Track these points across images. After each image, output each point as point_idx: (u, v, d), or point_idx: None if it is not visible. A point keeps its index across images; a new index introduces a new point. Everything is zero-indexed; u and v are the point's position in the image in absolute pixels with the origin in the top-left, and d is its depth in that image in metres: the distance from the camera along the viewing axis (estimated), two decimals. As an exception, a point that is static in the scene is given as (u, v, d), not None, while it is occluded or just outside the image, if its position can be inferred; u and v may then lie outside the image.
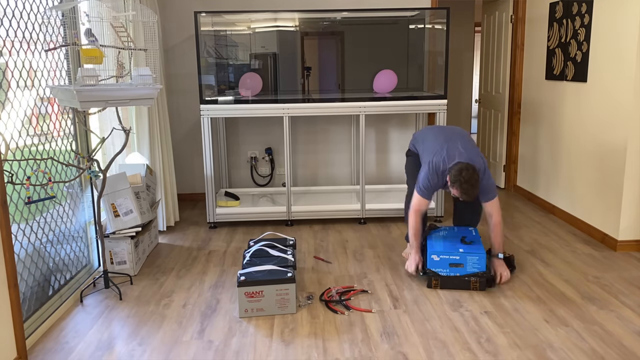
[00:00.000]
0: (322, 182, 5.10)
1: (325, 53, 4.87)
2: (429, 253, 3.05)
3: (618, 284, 3.11)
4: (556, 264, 3.43)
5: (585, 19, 3.93)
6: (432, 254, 3.04)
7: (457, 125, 7.36)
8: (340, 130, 5.01)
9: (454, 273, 3.03)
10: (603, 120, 3.76)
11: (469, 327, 2.63)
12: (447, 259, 3.03)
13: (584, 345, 2.45)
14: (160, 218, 4.18)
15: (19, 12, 2.63)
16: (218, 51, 4.71)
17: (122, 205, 3.26)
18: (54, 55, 2.97)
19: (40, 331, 2.62)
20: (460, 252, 3.01)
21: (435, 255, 3.04)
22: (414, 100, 4.19)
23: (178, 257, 3.67)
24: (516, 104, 5.17)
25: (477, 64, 9.86)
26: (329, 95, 4.45)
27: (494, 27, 5.60)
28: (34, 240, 2.71)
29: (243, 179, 5.07)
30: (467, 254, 3.00)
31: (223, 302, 2.96)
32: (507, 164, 5.41)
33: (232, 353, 2.43)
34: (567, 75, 4.22)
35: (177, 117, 4.97)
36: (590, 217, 3.95)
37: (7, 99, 2.53)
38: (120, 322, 2.74)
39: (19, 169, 2.59)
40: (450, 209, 4.75)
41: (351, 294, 3.02)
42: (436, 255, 3.04)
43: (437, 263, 3.05)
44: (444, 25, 4.31)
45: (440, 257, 3.03)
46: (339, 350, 2.44)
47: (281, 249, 3.18)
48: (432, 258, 3.05)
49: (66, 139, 3.09)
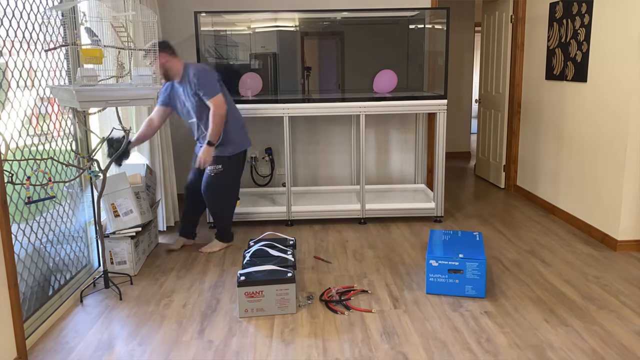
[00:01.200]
0: (322, 182, 5.10)
1: (325, 53, 4.87)
2: (428, 258, 2.97)
3: (618, 284, 3.11)
4: (556, 264, 3.43)
5: (585, 19, 3.93)
6: (430, 259, 2.95)
7: (457, 125, 7.36)
8: (340, 130, 5.01)
9: (452, 279, 2.96)
10: (603, 120, 3.76)
11: (469, 327, 2.63)
12: (445, 265, 2.94)
13: (584, 345, 2.45)
14: (160, 218, 4.18)
15: (19, 12, 2.63)
16: (218, 51, 4.71)
17: (122, 205, 3.26)
18: (54, 55, 2.97)
19: (40, 331, 2.62)
20: (460, 257, 2.92)
21: (434, 261, 2.94)
22: (414, 100, 4.19)
23: (178, 257, 3.67)
24: (516, 104, 5.17)
25: (477, 64, 9.87)
26: (329, 95, 4.45)
27: (494, 27, 5.60)
28: (34, 240, 2.71)
29: (243, 179, 5.07)
30: (467, 260, 2.90)
31: (223, 302, 2.96)
32: (507, 164, 5.41)
33: (232, 353, 2.43)
34: (567, 75, 4.22)
35: (177, 117, 4.96)
36: (590, 217, 3.95)
37: (7, 99, 2.53)
38: (120, 322, 2.74)
39: (19, 169, 2.59)
40: (451, 209, 4.76)
41: (351, 294, 3.02)
42: (435, 261, 2.94)
43: (435, 269, 2.96)
44: (444, 25, 4.31)
45: (439, 263, 2.94)
46: (339, 350, 2.44)
47: (281, 249, 3.18)
48: (430, 264, 2.96)
49: (66, 139, 3.09)
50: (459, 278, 2.93)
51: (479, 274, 2.91)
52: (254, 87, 4.51)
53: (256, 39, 4.77)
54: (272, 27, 4.77)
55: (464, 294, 2.95)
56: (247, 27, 4.74)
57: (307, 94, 4.69)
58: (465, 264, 2.90)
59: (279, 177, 5.08)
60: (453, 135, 7.39)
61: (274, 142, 5.02)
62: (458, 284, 2.94)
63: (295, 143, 5.01)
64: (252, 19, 4.72)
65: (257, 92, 4.55)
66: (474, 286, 2.93)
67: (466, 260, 2.90)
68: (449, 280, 2.95)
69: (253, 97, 4.42)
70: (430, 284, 2.99)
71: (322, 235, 4.09)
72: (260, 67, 4.76)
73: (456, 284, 2.94)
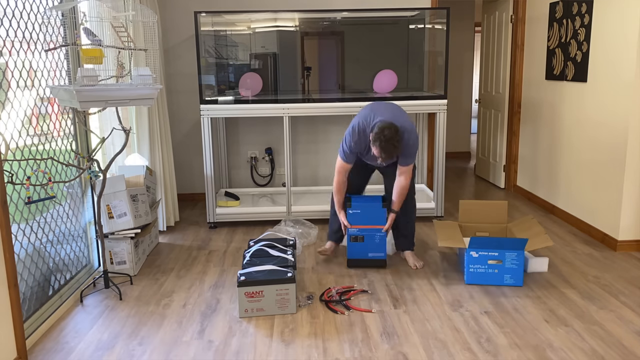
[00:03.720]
0: (322, 182, 5.10)
1: (325, 53, 4.87)
2: (468, 250, 3.06)
3: (618, 284, 3.11)
4: (556, 263, 3.43)
5: (585, 19, 3.93)
6: (471, 250, 3.06)
7: (457, 125, 7.37)
8: (341, 130, 5.01)
9: (492, 269, 3.06)
10: (603, 120, 3.76)
11: (469, 327, 2.63)
12: (485, 256, 3.06)
13: (584, 345, 2.45)
14: (160, 218, 4.18)
15: (19, 12, 2.63)
16: (218, 51, 4.71)
17: (117, 207, 3.25)
18: (54, 55, 2.97)
19: (40, 331, 2.62)
20: (499, 248, 3.05)
21: (474, 252, 3.06)
22: (414, 100, 4.19)
23: (178, 257, 3.67)
24: (516, 104, 5.17)
25: (477, 64, 9.87)
26: (329, 95, 4.45)
27: (494, 27, 5.60)
28: (34, 240, 2.71)
29: (243, 179, 5.07)
30: (507, 251, 3.03)
31: (223, 302, 2.96)
32: (507, 164, 5.41)
33: (232, 353, 2.43)
34: (567, 75, 4.22)
35: (177, 117, 4.97)
36: (590, 217, 3.95)
37: (7, 99, 2.53)
38: (120, 322, 2.74)
39: (19, 169, 2.59)
40: (451, 209, 4.75)
41: (351, 294, 3.02)
42: (475, 252, 3.06)
43: (475, 260, 3.07)
44: (444, 25, 4.31)
45: (479, 254, 3.06)
46: (339, 350, 2.44)
47: (281, 249, 3.19)
48: (470, 255, 3.06)
49: (66, 139, 3.09)
50: (498, 268, 3.06)
51: (517, 263, 3.04)
52: (254, 87, 4.51)
53: (256, 39, 4.77)
54: (272, 27, 4.77)
55: (502, 283, 3.08)
56: (247, 27, 4.74)
57: (307, 94, 4.69)
58: (505, 255, 3.04)
59: (279, 177, 5.08)
60: (453, 135, 7.39)
61: (274, 142, 5.02)
62: (497, 273, 3.07)
63: (295, 143, 5.01)
64: (252, 19, 4.72)
65: (257, 92, 4.55)
66: (512, 275, 3.06)
67: (505, 251, 3.03)
68: (489, 270, 3.07)
69: (253, 97, 4.42)
70: (470, 274, 3.09)
71: (322, 235, 4.09)
72: (260, 67, 4.76)
73: (495, 273, 3.07)
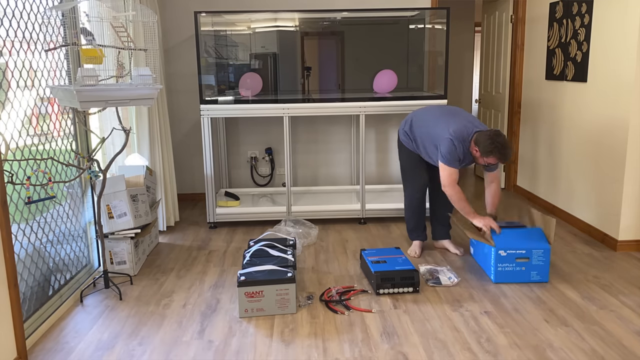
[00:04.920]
0: (322, 182, 5.10)
1: (325, 53, 4.87)
2: (497, 249, 3.10)
3: (618, 284, 3.11)
4: (556, 263, 3.43)
5: (585, 19, 3.93)
6: (499, 249, 3.10)
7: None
8: (340, 130, 5.01)
9: (519, 267, 3.11)
10: (603, 121, 3.76)
11: (469, 327, 2.63)
12: (513, 254, 3.10)
13: (584, 345, 2.45)
14: (160, 218, 4.18)
15: (19, 12, 2.63)
16: (218, 51, 4.71)
17: (117, 207, 3.25)
18: (54, 55, 2.97)
19: (40, 331, 2.62)
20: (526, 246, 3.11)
21: (503, 251, 3.10)
22: (414, 100, 4.19)
23: (178, 257, 3.67)
24: (516, 104, 5.17)
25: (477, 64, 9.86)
26: (329, 95, 4.45)
27: (494, 27, 5.60)
28: (34, 240, 2.71)
29: (243, 179, 5.07)
30: (534, 248, 3.08)
31: (223, 302, 2.96)
32: (507, 164, 5.41)
33: (232, 353, 2.43)
34: (567, 75, 4.22)
35: (177, 117, 4.97)
36: (590, 217, 3.95)
37: (7, 99, 2.53)
38: (120, 322, 2.74)
39: (19, 169, 2.59)
40: (450, 209, 4.75)
41: (351, 294, 3.02)
42: (503, 251, 3.10)
43: (504, 258, 3.11)
44: (444, 25, 4.31)
45: (507, 253, 3.10)
46: (339, 350, 2.44)
47: (281, 249, 3.19)
48: (499, 254, 3.11)
49: (66, 139, 3.09)
50: (525, 265, 3.11)
51: (543, 259, 3.10)
52: (254, 87, 4.51)
53: (256, 39, 4.77)
54: (272, 27, 4.77)
55: (529, 280, 3.13)
56: (247, 27, 4.74)
57: (307, 94, 4.69)
58: (532, 252, 3.10)
59: (279, 177, 5.08)
60: (453, 135, 7.38)
61: (274, 142, 5.02)
62: (524, 271, 3.12)
63: (295, 143, 5.01)
64: (252, 19, 4.72)
65: (257, 92, 4.55)
66: (539, 272, 3.12)
67: (532, 249, 3.08)
68: (516, 268, 3.12)
69: (253, 97, 4.43)
70: (499, 273, 3.14)
71: (322, 235, 4.09)
72: (260, 67, 4.77)
73: (522, 271, 3.13)
